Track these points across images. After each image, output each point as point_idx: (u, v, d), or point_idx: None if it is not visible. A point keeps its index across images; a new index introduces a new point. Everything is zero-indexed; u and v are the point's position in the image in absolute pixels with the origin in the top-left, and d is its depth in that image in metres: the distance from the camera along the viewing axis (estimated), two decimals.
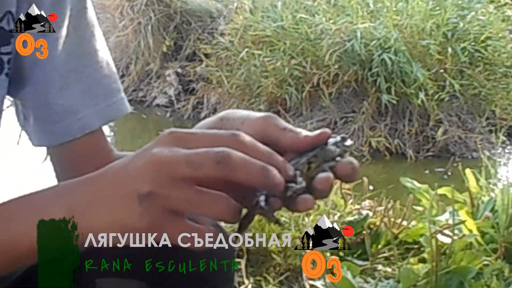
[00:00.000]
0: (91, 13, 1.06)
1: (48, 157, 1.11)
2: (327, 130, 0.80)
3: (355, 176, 0.78)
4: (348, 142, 0.79)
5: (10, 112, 1.07)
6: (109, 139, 1.14)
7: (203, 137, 0.68)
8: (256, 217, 0.76)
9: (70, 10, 1.03)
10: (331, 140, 0.78)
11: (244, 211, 0.71)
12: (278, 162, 0.69)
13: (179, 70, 7.07)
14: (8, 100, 1.04)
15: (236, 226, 0.72)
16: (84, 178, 0.72)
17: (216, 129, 0.88)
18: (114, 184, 0.68)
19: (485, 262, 2.21)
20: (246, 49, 6.35)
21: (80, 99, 1.02)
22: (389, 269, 2.32)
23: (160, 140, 0.67)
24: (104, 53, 1.06)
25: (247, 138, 0.69)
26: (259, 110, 6.09)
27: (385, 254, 2.43)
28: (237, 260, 1.97)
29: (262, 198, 0.72)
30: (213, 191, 0.65)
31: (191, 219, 0.68)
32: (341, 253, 2.36)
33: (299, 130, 0.81)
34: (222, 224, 0.93)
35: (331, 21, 6.20)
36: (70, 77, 1.02)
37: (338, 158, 0.78)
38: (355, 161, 0.77)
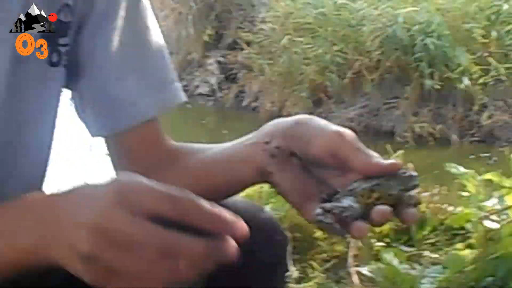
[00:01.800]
0: (145, 5, 1.07)
1: (95, 147, 1.12)
2: (399, 163, 0.82)
3: (414, 223, 0.79)
4: (415, 181, 0.80)
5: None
6: None
7: (149, 198, 0.64)
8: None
9: (125, 1, 1.04)
10: (399, 172, 0.79)
11: None
12: (229, 224, 0.65)
13: (221, 59, 7.09)
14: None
15: None
16: (47, 209, 0.70)
17: (291, 133, 0.92)
18: (63, 231, 0.67)
19: None
20: (288, 36, 6.34)
21: (135, 89, 1.04)
22: (435, 255, 2.31)
23: (108, 190, 0.66)
24: (159, 44, 1.06)
25: (190, 203, 0.64)
26: (302, 98, 6.09)
27: (431, 240, 2.43)
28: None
29: (318, 211, 0.74)
30: (151, 261, 0.63)
31: None
32: (387, 240, 2.37)
33: (372, 153, 0.83)
34: None
35: (373, 6, 6.17)
36: (126, 68, 1.04)
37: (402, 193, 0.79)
38: (418, 203, 0.78)
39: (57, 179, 0.97)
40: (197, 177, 1.02)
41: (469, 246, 2.30)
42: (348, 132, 0.87)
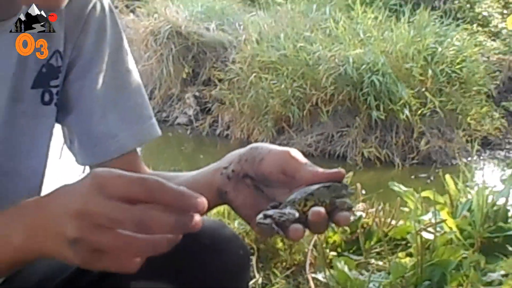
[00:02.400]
0: (126, 50, 1.07)
1: (87, 171, 1.11)
2: (342, 171, 0.81)
3: (347, 225, 0.79)
4: (347, 190, 0.80)
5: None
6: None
7: (120, 184, 0.65)
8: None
9: (109, 48, 1.04)
10: (334, 184, 0.79)
11: None
12: (187, 201, 0.65)
13: (197, 94, 7.08)
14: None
15: None
16: (31, 209, 0.71)
17: (246, 156, 0.92)
18: (49, 223, 0.67)
19: (464, 255, 2.20)
20: (254, 74, 6.37)
21: (117, 125, 1.03)
22: (380, 263, 2.31)
23: (86, 182, 0.66)
24: (137, 85, 1.06)
25: (154, 183, 0.65)
26: (266, 127, 6.11)
27: (377, 250, 2.43)
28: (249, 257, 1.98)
29: (260, 216, 0.74)
30: (129, 236, 0.64)
31: None
32: (338, 250, 2.36)
33: (316, 167, 0.83)
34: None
35: (327, 49, 6.21)
36: (108, 106, 1.03)
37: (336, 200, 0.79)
38: (351, 208, 0.78)
39: None
40: None
41: (409, 255, 2.31)
42: (294, 150, 0.87)
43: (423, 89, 6.07)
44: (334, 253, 2.31)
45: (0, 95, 0.93)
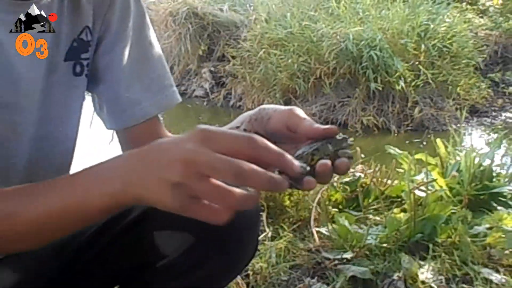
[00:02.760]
0: (148, 26, 1.07)
1: (115, 139, 1.12)
2: (334, 127, 0.81)
3: (347, 171, 0.78)
4: (347, 143, 0.79)
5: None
6: None
7: (226, 139, 0.65)
8: None
9: (133, 24, 1.04)
10: (336, 137, 0.79)
11: None
12: (286, 161, 0.66)
13: (212, 69, 7.06)
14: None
15: None
16: (134, 153, 0.71)
17: (255, 116, 0.92)
18: (153, 169, 0.66)
19: (453, 211, 2.21)
20: (263, 50, 6.34)
21: (141, 94, 1.04)
22: (377, 218, 2.32)
23: (192, 135, 0.65)
24: (158, 57, 1.07)
25: (261, 142, 0.65)
26: (275, 98, 6.09)
27: (374, 206, 2.44)
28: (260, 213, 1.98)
29: (276, 173, 0.74)
30: (226, 188, 0.63)
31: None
32: (340, 206, 2.37)
33: (314, 122, 0.82)
34: None
35: (329, 27, 6.17)
36: (133, 77, 1.04)
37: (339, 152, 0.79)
38: (351, 157, 0.78)
39: (81, 165, 0.96)
40: None
41: (403, 211, 2.32)
42: (296, 108, 0.87)
43: (417, 62, 6.03)
44: (336, 210, 2.33)
45: (38, 67, 0.94)
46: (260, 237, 1.73)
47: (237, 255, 1.07)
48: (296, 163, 0.68)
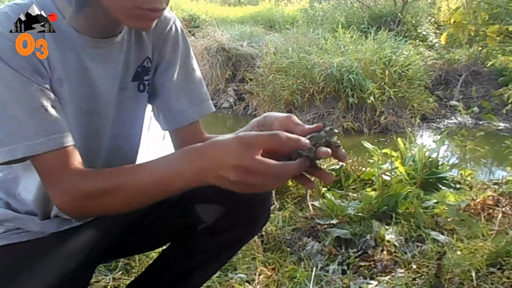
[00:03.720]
0: (192, 56, 1.07)
1: (167, 138, 1.12)
2: (319, 124, 0.82)
3: (346, 159, 0.80)
4: (334, 131, 0.79)
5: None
6: None
7: (260, 141, 0.69)
8: None
9: (180, 54, 1.04)
10: (325, 129, 0.79)
11: None
12: (301, 140, 0.72)
13: (235, 88, 7.05)
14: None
15: None
16: (201, 153, 0.72)
17: (262, 122, 0.92)
18: (217, 168, 0.70)
19: (409, 190, 2.20)
20: (272, 75, 6.32)
21: (186, 105, 1.03)
22: (355, 195, 2.32)
23: (236, 141, 0.69)
24: (199, 78, 1.06)
25: (282, 135, 0.70)
26: (280, 109, 6.08)
27: (353, 187, 2.44)
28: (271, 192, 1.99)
29: (295, 154, 0.73)
30: (268, 181, 0.69)
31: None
32: (328, 186, 2.37)
33: (305, 125, 0.84)
34: None
35: (319, 57, 6.14)
36: (181, 93, 1.03)
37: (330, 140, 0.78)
38: (339, 145, 0.79)
39: (144, 156, 0.96)
40: None
41: (374, 190, 2.31)
42: (292, 115, 0.88)
43: (383, 83, 5.99)
44: (325, 189, 2.33)
45: (113, 86, 0.94)
46: (271, 208, 1.73)
47: (255, 221, 1.08)
48: (307, 141, 0.72)
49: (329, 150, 0.74)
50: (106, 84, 0.92)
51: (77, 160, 0.80)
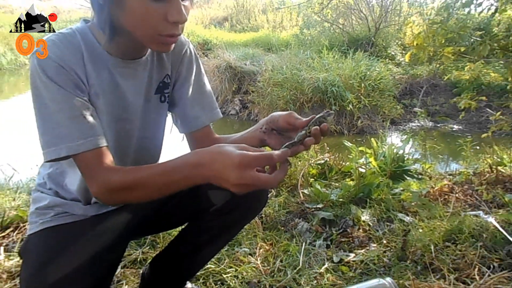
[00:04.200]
0: (203, 73, 1.06)
1: (184, 139, 1.12)
2: (313, 116, 0.86)
3: (328, 131, 0.81)
4: (331, 112, 0.83)
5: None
6: None
7: (258, 161, 0.68)
8: None
9: (194, 72, 1.04)
10: (324, 112, 0.82)
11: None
12: (284, 157, 0.72)
13: (240, 98, 7.02)
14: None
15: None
16: (205, 164, 0.71)
17: (269, 120, 0.95)
18: (219, 178, 0.69)
19: (381, 180, 2.20)
20: (270, 88, 6.31)
21: (199, 112, 1.03)
22: (337, 184, 2.31)
23: (237, 161, 0.68)
24: (209, 91, 1.06)
25: (275, 155, 0.70)
26: None
27: (335, 177, 2.43)
28: None
29: (287, 144, 0.76)
30: (265, 176, 0.69)
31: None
32: (315, 177, 2.37)
33: (304, 118, 0.88)
34: None
35: (308, 73, 6.13)
36: (195, 102, 1.03)
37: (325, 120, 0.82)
38: (332, 113, 0.84)
39: (166, 155, 0.96)
40: None
41: (352, 180, 2.31)
42: (293, 112, 0.91)
43: (359, 94, 5.97)
44: (313, 179, 2.32)
45: (139, 99, 0.95)
46: (269, 195, 1.73)
47: (256, 203, 1.08)
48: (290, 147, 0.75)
49: (318, 127, 0.79)
50: (134, 97, 0.93)
51: (109, 158, 0.81)
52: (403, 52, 8.69)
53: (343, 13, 9.62)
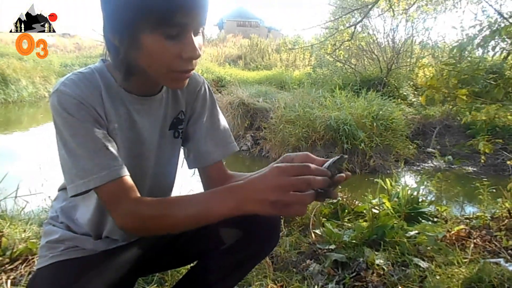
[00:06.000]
0: (217, 109, 1.07)
1: (196, 174, 1.11)
2: (327, 159, 0.82)
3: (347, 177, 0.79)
4: (344, 158, 0.79)
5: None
6: None
7: (293, 168, 0.68)
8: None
9: (208, 108, 1.05)
10: (337, 156, 0.79)
11: None
12: (326, 172, 0.72)
13: (252, 134, 7.09)
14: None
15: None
16: (241, 185, 0.71)
17: (285, 161, 0.91)
18: (256, 193, 0.69)
19: (395, 222, 2.15)
20: (282, 125, 6.36)
21: (212, 148, 1.03)
22: (349, 225, 2.26)
23: (273, 171, 0.68)
24: (224, 125, 1.06)
25: (312, 167, 0.70)
26: (288, 152, 6.08)
27: (347, 218, 2.39)
28: (280, 220, 1.96)
29: (318, 190, 0.73)
30: (301, 194, 0.68)
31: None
32: (327, 217, 2.33)
33: (319, 159, 0.84)
34: None
35: (320, 112, 6.19)
36: (208, 138, 1.03)
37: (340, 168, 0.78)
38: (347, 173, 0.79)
39: (178, 189, 0.96)
40: None
41: (365, 221, 2.26)
42: (308, 153, 0.87)
43: (372, 133, 5.97)
44: (325, 219, 2.28)
45: (155, 134, 0.96)
46: (280, 234, 1.70)
47: (267, 243, 1.06)
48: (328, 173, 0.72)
49: (343, 175, 0.76)
50: (149, 133, 0.94)
51: (133, 188, 0.81)
52: (415, 92, 8.76)
53: (355, 54, 9.83)
